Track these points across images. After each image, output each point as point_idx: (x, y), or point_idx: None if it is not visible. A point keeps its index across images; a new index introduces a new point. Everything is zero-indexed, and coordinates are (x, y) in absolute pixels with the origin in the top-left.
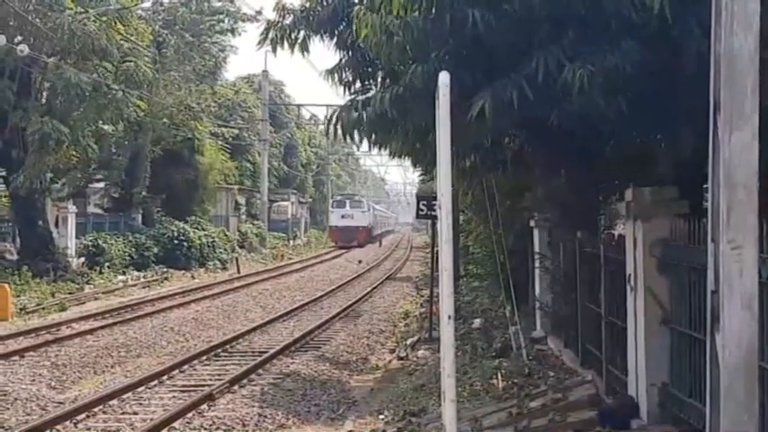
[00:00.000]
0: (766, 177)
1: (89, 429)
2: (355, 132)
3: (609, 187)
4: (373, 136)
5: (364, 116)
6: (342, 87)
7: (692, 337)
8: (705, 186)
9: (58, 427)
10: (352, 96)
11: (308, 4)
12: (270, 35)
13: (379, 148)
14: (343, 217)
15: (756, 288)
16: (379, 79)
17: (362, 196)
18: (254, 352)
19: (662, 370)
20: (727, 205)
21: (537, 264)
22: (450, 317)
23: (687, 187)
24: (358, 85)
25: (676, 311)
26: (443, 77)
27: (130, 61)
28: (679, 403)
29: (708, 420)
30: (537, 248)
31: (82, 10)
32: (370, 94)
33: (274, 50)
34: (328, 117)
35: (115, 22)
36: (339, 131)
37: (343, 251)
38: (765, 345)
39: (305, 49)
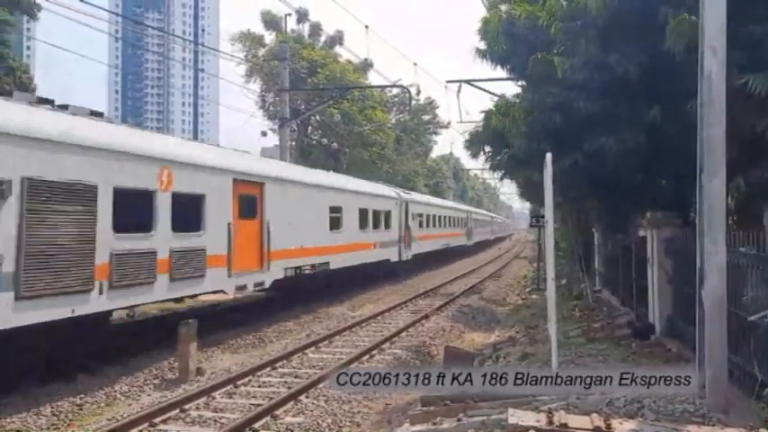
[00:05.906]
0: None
1: (370, 328)
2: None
3: (633, 210)
4: (502, 172)
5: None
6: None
7: (684, 290)
8: (692, 210)
9: (356, 328)
10: (492, 155)
11: (477, 130)
12: (469, 146)
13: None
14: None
15: (724, 264)
16: (503, 151)
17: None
18: (446, 294)
19: (667, 308)
20: (708, 220)
21: (596, 250)
22: (552, 278)
23: (680, 209)
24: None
25: (675, 276)
26: (548, 157)
27: (383, 148)
28: (678, 326)
29: (697, 336)
30: (596, 242)
31: (366, 124)
32: (499, 156)
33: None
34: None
35: (378, 130)
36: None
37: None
38: (730, 296)
39: (482, 153)
